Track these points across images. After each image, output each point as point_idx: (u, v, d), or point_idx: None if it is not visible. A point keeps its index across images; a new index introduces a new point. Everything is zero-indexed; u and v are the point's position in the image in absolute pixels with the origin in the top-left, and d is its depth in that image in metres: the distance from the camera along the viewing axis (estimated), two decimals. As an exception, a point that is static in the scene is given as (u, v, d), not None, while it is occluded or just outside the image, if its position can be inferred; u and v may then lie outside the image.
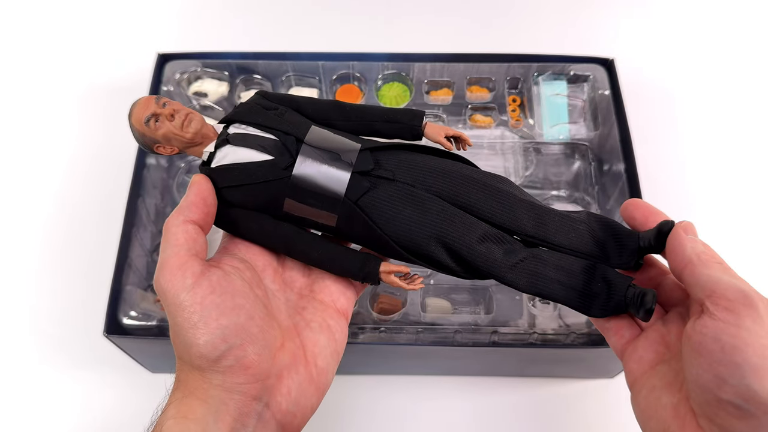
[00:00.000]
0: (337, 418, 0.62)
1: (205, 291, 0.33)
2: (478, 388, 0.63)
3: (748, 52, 0.86)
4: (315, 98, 0.39)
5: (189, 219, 0.35)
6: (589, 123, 0.65)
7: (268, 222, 0.37)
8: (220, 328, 0.33)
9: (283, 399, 0.34)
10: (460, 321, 0.57)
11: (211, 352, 0.32)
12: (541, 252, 0.36)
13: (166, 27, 0.86)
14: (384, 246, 0.36)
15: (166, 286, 0.34)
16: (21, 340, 0.65)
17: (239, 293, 0.35)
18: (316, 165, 0.35)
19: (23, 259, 0.70)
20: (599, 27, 0.86)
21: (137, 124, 0.38)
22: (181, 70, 0.66)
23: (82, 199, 0.72)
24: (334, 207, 0.36)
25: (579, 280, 0.35)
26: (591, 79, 0.66)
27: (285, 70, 0.67)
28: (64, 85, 0.81)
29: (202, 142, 0.38)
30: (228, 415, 0.32)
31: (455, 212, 0.35)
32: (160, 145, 0.39)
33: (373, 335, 0.57)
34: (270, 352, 0.34)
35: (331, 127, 0.38)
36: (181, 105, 0.38)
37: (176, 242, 0.35)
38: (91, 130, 0.78)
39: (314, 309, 0.38)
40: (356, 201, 0.35)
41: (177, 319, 0.33)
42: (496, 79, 0.67)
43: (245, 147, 0.36)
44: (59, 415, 0.61)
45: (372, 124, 0.39)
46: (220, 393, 0.32)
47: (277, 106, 0.38)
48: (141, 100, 0.39)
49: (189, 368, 0.33)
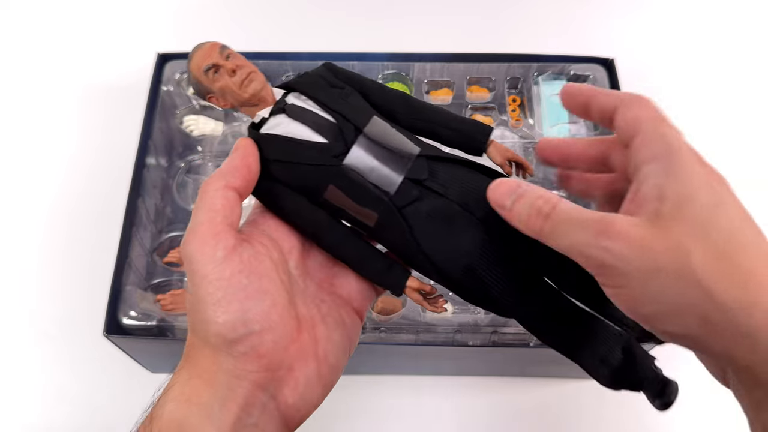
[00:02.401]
0: (337, 418, 0.62)
1: (234, 268, 0.31)
2: (478, 388, 0.63)
3: (747, 53, 0.86)
4: (383, 85, 0.37)
5: (230, 185, 0.33)
6: (588, 123, 0.65)
7: (305, 204, 0.35)
8: (243, 310, 0.31)
9: (290, 392, 0.33)
10: (460, 321, 0.57)
11: (229, 332, 0.31)
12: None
13: (165, 27, 0.86)
14: (415, 260, 0.34)
15: (195, 255, 0.31)
16: (21, 339, 0.65)
17: (266, 276, 0.33)
18: (370, 159, 0.33)
19: (23, 260, 0.70)
20: (599, 27, 0.86)
21: (196, 70, 0.36)
22: (180, 70, 0.66)
23: (82, 198, 0.72)
24: (378, 207, 0.34)
25: (601, 345, 0.33)
26: (591, 79, 0.66)
27: (285, 70, 0.67)
28: (64, 84, 0.81)
29: (257, 105, 0.36)
30: (234, 403, 0.31)
31: (498, 249, 0.33)
32: (213, 96, 0.37)
33: (373, 335, 0.57)
34: (286, 342, 0.33)
35: (392, 120, 0.36)
36: (246, 60, 0.36)
37: (213, 207, 0.32)
38: (91, 130, 0.78)
39: (332, 303, 0.36)
40: (401, 208, 0.33)
41: (200, 291, 0.31)
42: (496, 79, 0.67)
43: (300, 122, 0.34)
44: (59, 415, 0.61)
45: (434, 127, 0.36)
46: (229, 379, 0.31)
47: (344, 85, 0.36)
48: (205, 46, 0.36)
49: (201, 344, 0.31)
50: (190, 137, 0.65)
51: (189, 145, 0.66)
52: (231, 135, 0.65)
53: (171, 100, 0.65)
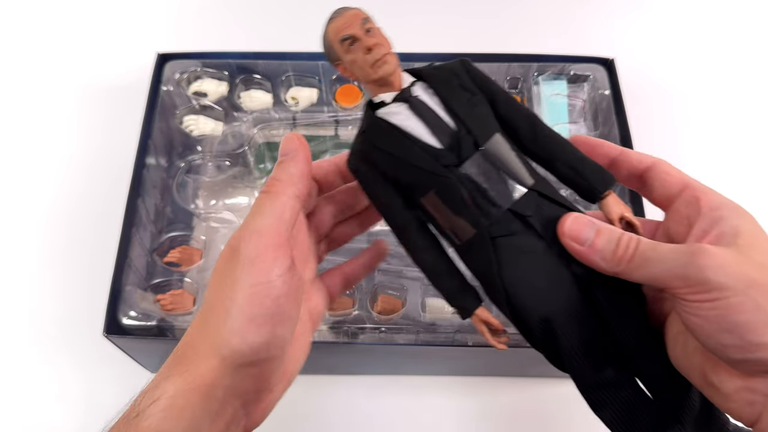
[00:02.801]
0: (337, 418, 0.62)
1: (282, 291, 0.30)
2: (478, 388, 0.63)
3: (747, 52, 0.86)
4: (514, 100, 0.35)
5: (298, 194, 0.32)
6: (589, 123, 0.65)
7: (398, 201, 0.34)
8: (273, 335, 0.30)
9: (260, 411, 0.33)
10: (459, 321, 0.57)
11: (251, 353, 0.30)
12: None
13: (165, 27, 0.86)
14: (491, 290, 0.32)
15: (255, 260, 0.30)
16: (21, 339, 0.65)
17: (296, 306, 0.32)
18: (480, 179, 0.32)
19: (23, 260, 0.70)
20: (599, 27, 0.86)
21: (332, 34, 0.34)
22: (180, 70, 0.66)
23: (82, 198, 0.72)
24: (475, 226, 0.32)
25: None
26: (591, 79, 0.66)
27: (285, 70, 0.67)
28: (64, 84, 0.81)
29: (383, 86, 0.34)
30: (222, 421, 0.30)
31: (584, 313, 0.31)
32: (341, 65, 0.35)
33: (373, 335, 0.57)
34: (282, 367, 0.32)
35: (512, 138, 0.34)
36: (385, 39, 0.34)
37: (282, 215, 0.31)
38: (91, 130, 0.78)
39: (303, 319, 0.35)
40: (494, 238, 0.32)
41: (237, 296, 0.30)
42: (496, 78, 0.67)
43: (420, 119, 0.33)
44: (59, 415, 0.61)
45: (553, 161, 0.34)
46: (225, 396, 0.30)
47: (475, 90, 0.34)
48: (348, 13, 0.34)
49: (208, 351, 0.30)
50: (189, 137, 0.65)
51: (189, 145, 0.66)
52: (231, 135, 0.65)
53: (171, 99, 0.65)
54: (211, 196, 0.64)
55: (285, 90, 0.67)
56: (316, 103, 0.67)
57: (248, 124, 0.66)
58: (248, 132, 0.65)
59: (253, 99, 0.66)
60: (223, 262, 0.31)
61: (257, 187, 0.64)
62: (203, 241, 0.60)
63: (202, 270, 0.59)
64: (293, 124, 0.67)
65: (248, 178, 0.64)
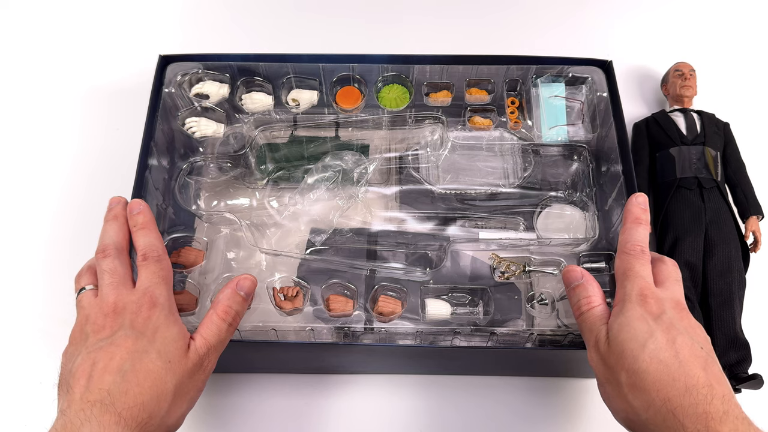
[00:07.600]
0: (337, 417, 0.62)
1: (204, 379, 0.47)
2: (478, 387, 0.64)
3: (746, 53, 0.86)
4: (737, 147, 0.73)
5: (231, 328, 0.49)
6: (587, 125, 0.66)
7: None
8: (184, 415, 0.45)
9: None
10: (459, 321, 0.57)
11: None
12: None
13: (167, 29, 0.87)
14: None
15: (204, 350, 0.46)
16: (21, 339, 0.66)
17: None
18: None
19: (26, 260, 0.70)
20: (597, 29, 0.87)
21: (673, 69, 0.70)
22: (182, 72, 0.66)
23: (85, 200, 0.73)
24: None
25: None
26: (589, 81, 0.66)
27: (286, 72, 0.67)
28: (66, 86, 0.82)
29: (677, 101, 0.72)
30: None
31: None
32: (665, 86, 0.73)
33: (373, 335, 0.57)
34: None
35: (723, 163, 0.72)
36: (694, 83, 0.70)
37: (226, 338, 0.48)
38: (94, 132, 0.79)
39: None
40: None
41: (189, 379, 0.45)
42: (495, 81, 0.67)
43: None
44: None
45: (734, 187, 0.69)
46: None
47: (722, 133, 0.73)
48: (682, 64, 0.74)
49: (112, 419, 0.41)
50: (191, 139, 0.65)
51: (190, 146, 0.66)
52: (232, 137, 0.66)
53: (173, 101, 0.65)
54: (212, 197, 0.64)
55: (286, 92, 0.68)
56: (316, 105, 0.67)
57: (249, 126, 0.66)
58: (249, 133, 0.66)
59: (254, 101, 0.66)
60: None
61: (258, 188, 0.64)
62: (205, 242, 0.61)
63: (204, 272, 0.60)
64: (294, 126, 0.67)
65: (249, 179, 0.64)
